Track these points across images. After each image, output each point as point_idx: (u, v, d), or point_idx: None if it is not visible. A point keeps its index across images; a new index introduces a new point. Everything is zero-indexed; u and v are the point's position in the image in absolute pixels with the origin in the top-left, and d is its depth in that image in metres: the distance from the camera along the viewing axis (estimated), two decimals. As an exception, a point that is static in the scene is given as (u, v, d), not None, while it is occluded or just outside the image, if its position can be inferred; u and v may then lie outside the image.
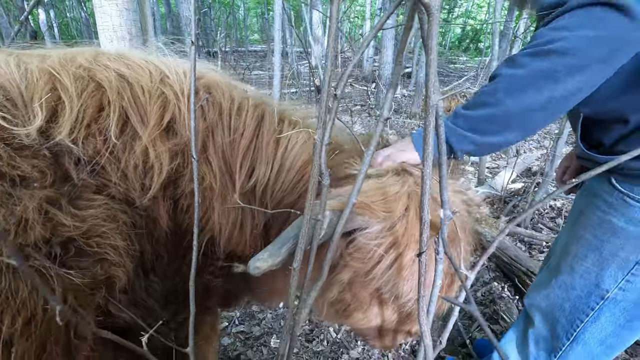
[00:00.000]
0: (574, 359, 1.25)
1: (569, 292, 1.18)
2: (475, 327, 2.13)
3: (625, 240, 1.02)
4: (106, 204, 0.75)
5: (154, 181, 0.80)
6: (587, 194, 1.14)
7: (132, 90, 0.79)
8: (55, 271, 0.64)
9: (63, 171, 0.71)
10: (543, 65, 0.78)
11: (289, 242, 0.70)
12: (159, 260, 0.90)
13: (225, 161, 0.92)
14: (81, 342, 0.68)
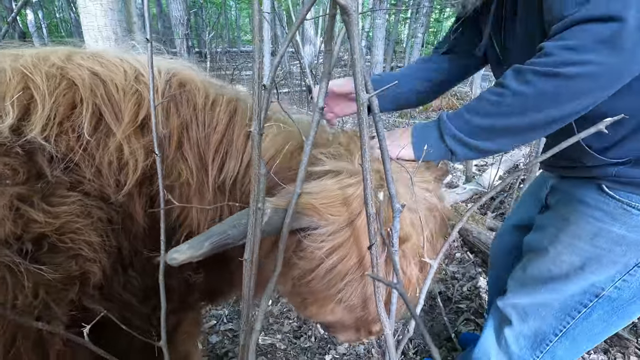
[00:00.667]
0: (561, 352, 1.27)
1: (559, 294, 1.18)
2: (461, 322, 2.16)
3: (627, 248, 1.02)
4: (80, 200, 0.76)
5: (128, 177, 0.81)
6: (570, 201, 1.14)
7: (105, 88, 0.80)
8: (26, 267, 0.65)
9: (37, 168, 0.72)
10: (549, 87, 0.79)
11: (214, 237, 0.69)
12: (137, 255, 0.90)
13: (201, 157, 0.92)
14: (52, 337, 0.69)
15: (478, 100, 0.90)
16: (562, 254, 1.14)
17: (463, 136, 0.89)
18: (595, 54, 0.74)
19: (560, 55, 0.77)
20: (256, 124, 0.49)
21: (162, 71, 0.88)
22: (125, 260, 0.88)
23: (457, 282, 2.47)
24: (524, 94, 0.82)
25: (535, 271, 1.23)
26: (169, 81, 0.89)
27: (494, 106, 0.86)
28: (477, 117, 0.89)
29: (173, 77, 0.90)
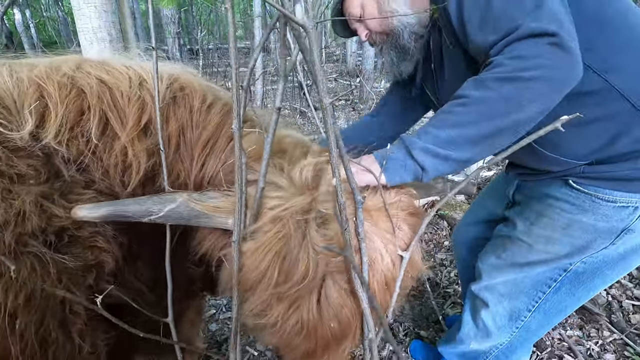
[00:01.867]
0: (535, 325, 1.39)
1: (531, 273, 1.29)
2: (448, 305, 2.28)
3: (596, 235, 1.11)
4: (95, 198, 0.85)
5: (132, 178, 0.89)
6: (540, 196, 1.23)
7: (111, 95, 0.87)
8: (51, 256, 0.74)
9: (55, 169, 0.80)
10: (511, 90, 0.84)
11: (114, 206, 0.78)
12: (145, 249, 0.99)
13: (192, 158, 0.98)
14: (75, 317, 0.78)
15: (441, 114, 0.91)
16: (537, 243, 1.24)
17: (434, 147, 0.87)
18: (545, 58, 0.84)
19: (513, 63, 0.85)
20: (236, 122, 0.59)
21: (164, 77, 0.95)
22: (134, 252, 0.97)
23: (445, 268, 2.59)
24: (488, 99, 0.85)
25: (511, 258, 1.33)
26: (170, 86, 0.96)
27: (460, 115, 0.87)
28: (444, 129, 0.88)
29: (174, 82, 0.97)
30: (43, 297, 0.72)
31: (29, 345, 0.70)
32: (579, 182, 1.10)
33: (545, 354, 1.88)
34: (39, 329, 0.71)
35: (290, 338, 0.86)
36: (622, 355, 1.85)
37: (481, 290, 1.45)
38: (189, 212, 0.82)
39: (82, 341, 0.78)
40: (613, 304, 2.10)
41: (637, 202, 1.04)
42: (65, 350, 0.77)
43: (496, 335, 1.47)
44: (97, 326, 0.84)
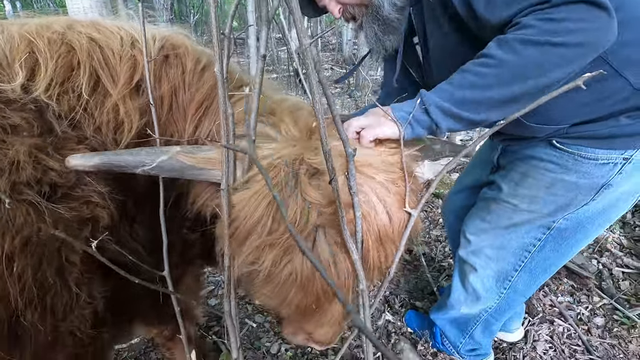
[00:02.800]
0: (522, 286, 1.43)
1: (517, 234, 1.33)
2: (443, 277, 2.32)
3: (577, 192, 1.15)
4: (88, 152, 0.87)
5: (124, 135, 0.90)
6: (524, 158, 1.24)
7: (102, 53, 0.88)
8: (46, 205, 0.76)
9: (47, 124, 0.82)
10: (536, 54, 0.81)
11: (107, 156, 0.80)
12: (140, 210, 1.01)
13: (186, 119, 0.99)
14: (71, 266, 0.80)
15: (461, 73, 0.89)
16: (522, 203, 1.28)
17: (449, 106, 0.87)
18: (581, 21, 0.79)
19: (544, 26, 0.80)
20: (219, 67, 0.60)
21: (157, 37, 0.95)
22: (130, 212, 0.99)
23: (440, 243, 2.63)
24: (510, 62, 0.82)
25: (496, 220, 1.37)
26: (162, 47, 0.96)
27: (479, 77, 0.86)
28: (461, 89, 0.87)
29: (166, 42, 0.98)
30: (39, 243, 0.74)
31: (27, 288, 0.72)
32: (562, 142, 1.12)
33: (536, 319, 1.92)
34: (36, 274, 0.73)
35: (284, 290, 0.86)
36: (612, 319, 1.90)
37: (468, 255, 1.48)
38: (181, 164, 0.83)
39: (79, 290, 0.80)
40: (603, 272, 2.14)
41: (616, 159, 1.07)
42: (62, 298, 0.79)
43: (485, 297, 1.51)
44: (94, 278, 0.86)
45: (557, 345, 1.79)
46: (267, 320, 2.14)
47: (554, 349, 1.78)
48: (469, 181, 1.68)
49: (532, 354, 1.78)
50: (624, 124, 1.03)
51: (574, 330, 1.84)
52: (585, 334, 1.84)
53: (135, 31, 0.95)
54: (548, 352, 1.77)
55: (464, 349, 1.72)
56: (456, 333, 1.71)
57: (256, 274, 0.85)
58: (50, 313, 0.77)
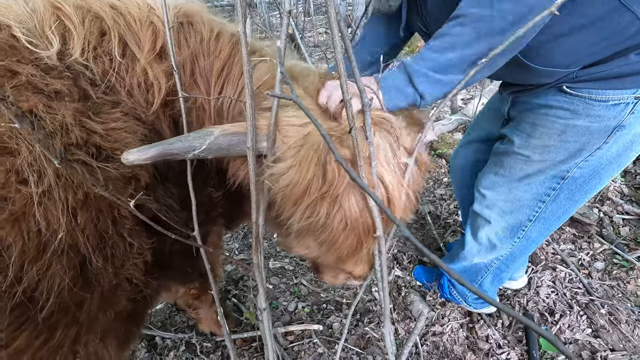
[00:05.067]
0: (535, 234, 1.49)
1: (531, 186, 1.36)
2: (449, 234, 2.42)
3: (590, 136, 1.16)
4: (124, 117, 0.91)
5: (155, 97, 0.94)
6: (534, 108, 1.26)
7: (125, 19, 0.91)
8: (97, 164, 0.81)
9: (83, 90, 0.86)
10: (512, 8, 0.83)
11: (160, 146, 0.81)
12: (171, 169, 1.07)
13: (209, 84, 1.03)
14: (124, 219, 0.87)
15: (439, 36, 0.91)
16: (534, 154, 1.30)
17: (434, 73, 0.89)
18: None
19: None
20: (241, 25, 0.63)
21: (171, 6, 0.98)
22: (162, 172, 1.05)
23: (445, 201, 2.71)
24: (485, 17, 0.85)
25: (509, 173, 1.40)
26: (177, 15, 0.99)
27: (458, 37, 0.88)
28: (443, 52, 0.88)
29: (180, 11, 1.01)
30: (96, 198, 0.80)
31: (90, 238, 0.79)
32: (572, 87, 1.14)
33: (539, 267, 2.03)
34: (97, 225, 0.80)
35: (337, 236, 0.93)
36: (611, 262, 2.01)
37: (483, 209, 1.53)
38: (228, 142, 0.86)
39: (132, 239, 0.87)
40: (604, 219, 2.24)
41: (628, 98, 1.08)
42: (119, 247, 0.86)
43: (499, 247, 1.57)
44: (142, 230, 0.93)
45: (559, 289, 1.91)
46: (283, 282, 2.25)
47: (556, 293, 1.90)
48: (477, 134, 1.71)
49: (535, 299, 1.90)
50: (634, 61, 1.02)
51: (575, 275, 1.96)
52: (585, 277, 1.95)
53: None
54: (550, 296, 1.89)
55: (472, 298, 1.83)
56: (465, 283, 1.81)
57: (314, 226, 0.92)
58: (112, 261, 0.85)
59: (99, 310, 0.86)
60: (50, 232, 0.72)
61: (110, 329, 0.94)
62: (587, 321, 1.75)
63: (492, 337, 1.76)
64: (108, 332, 0.93)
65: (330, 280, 1.29)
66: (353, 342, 1.83)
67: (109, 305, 0.89)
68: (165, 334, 1.91)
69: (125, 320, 0.99)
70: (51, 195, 0.73)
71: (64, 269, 0.75)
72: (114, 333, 0.96)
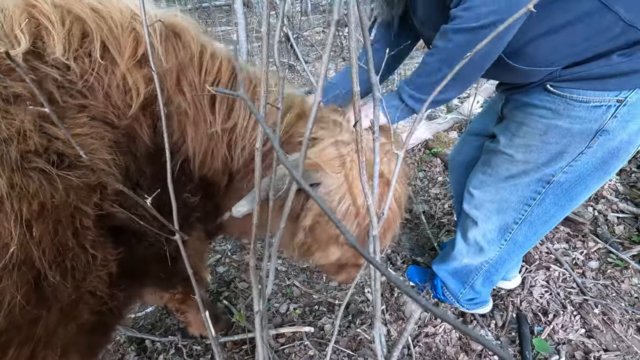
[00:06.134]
0: (522, 238, 1.48)
1: (516, 187, 1.36)
2: (443, 233, 2.39)
3: (571, 139, 1.16)
4: (91, 122, 0.88)
5: (134, 100, 0.92)
6: (521, 106, 1.27)
7: (106, 23, 0.89)
8: (57, 172, 0.78)
9: (48, 93, 0.83)
10: (463, 39, 0.98)
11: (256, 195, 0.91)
12: (143, 176, 1.04)
13: (198, 97, 1.04)
14: (86, 230, 0.84)
15: (421, 64, 1.10)
16: (517, 153, 1.30)
17: (416, 94, 1.11)
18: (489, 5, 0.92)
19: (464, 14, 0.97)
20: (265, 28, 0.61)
21: (158, 16, 0.96)
22: (133, 179, 1.02)
23: (439, 201, 2.68)
24: (446, 49, 1.01)
25: (495, 172, 1.40)
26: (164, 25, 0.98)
27: (428, 65, 1.07)
28: (421, 77, 1.09)
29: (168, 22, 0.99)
30: (55, 208, 0.77)
31: (47, 251, 0.76)
32: (554, 86, 1.13)
33: (533, 267, 2.00)
34: (54, 237, 0.77)
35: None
36: (605, 261, 1.97)
37: (471, 209, 1.53)
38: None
39: (95, 251, 0.85)
40: (599, 218, 2.20)
41: (609, 101, 1.07)
42: (80, 260, 0.83)
43: (487, 249, 1.56)
44: (106, 241, 0.90)
45: (553, 288, 1.88)
46: (275, 283, 2.22)
47: (550, 293, 1.87)
48: (474, 128, 1.70)
49: (529, 299, 1.87)
50: (617, 62, 1.01)
51: (569, 274, 1.92)
52: (579, 276, 1.92)
53: (134, 5, 0.95)
54: (544, 296, 1.86)
55: (464, 299, 1.80)
56: (457, 284, 1.78)
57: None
58: (71, 274, 0.82)
59: (57, 325, 0.83)
60: (1, 245, 0.69)
61: (72, 343, 0.91)
62: (580, 321, 1.71)
63: (485, 337, 1.72)
64: (69, 347, 0.90)
65: (342, 279, 1.45)
66: (345, 344, 1.81)
67: (69, 320, 0.86)
68: (154, 337, 1.90)
69: (90, 333, 0.96)
70: (2, 206, 0.70)
71: (16, 285, 0.71)
72: (77, 347, 0.93)
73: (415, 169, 3.06)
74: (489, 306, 1.85)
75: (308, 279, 2.25)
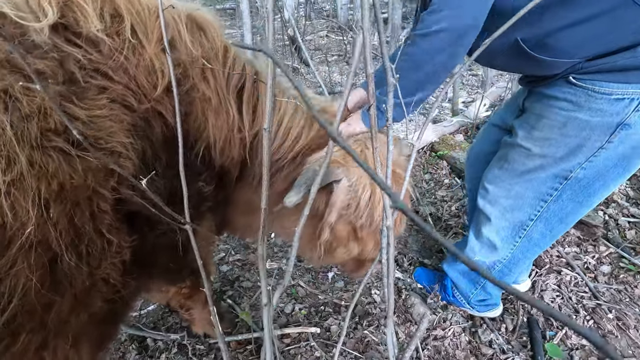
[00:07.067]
0: (537, 235, 1.44)
1: (533, 183, 1.33)
2: (450, 235, 2.36)
3: (590, 132, 1.14)
4: (110, 105, 0.86)
5: (159, 82, 0.91)
6: (542, 99, 1.25)
7: (134, 6, 0.87)
8: (76, 153, 0.76)
9: (69, 73, 0.81)
10: (427, 44, 1.03)
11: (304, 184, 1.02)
12: (158, 161, 1.01)
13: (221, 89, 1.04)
14: (103, 214, 0.81)
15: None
16: (535, 147, 1.28)
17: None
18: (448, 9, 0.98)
19: (427, 18, 1.02)
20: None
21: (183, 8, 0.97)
22: (149, 163, 0.99)
23: (446, 203, 2.65)
24: (412, 53, 1.06)
25: (511, 167, 1.37)
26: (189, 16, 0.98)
27: (399, 71, 1.06)
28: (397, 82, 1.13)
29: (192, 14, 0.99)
30: (73, 190, 0.74)
31: (64, 233, 0.73)
32: (577, 78, 1.12)
33: (544, 270, 1.97)
34: (72, 219, 0.74)
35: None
36: (618, 266, 1.95)
37: (485, 205, 1.50)
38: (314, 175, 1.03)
39: (111, 236, 0.81)
40: (610, 222, 2.18)
41: (632, 94, 1.05)
42: (96, 245, 0.80)
43: (500, 247, 1.53)
44: (122, 227, 0.87)
45: (565, 293, 1.85)
46: (279, 283, 2.19)
47: (561, 297, 1.84)
48: (496, 119, 1.67)
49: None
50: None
51: (581, 279, 1.90)
52: (592, 281, 1.89)
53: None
54: (555, 300, 1.83)
55: (475, 300, 1.77)
56: (468, 284, 1.75)
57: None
58: (86, 260, 0.79)
59: (70, 313, 0.79)
60: (18, 225, 0.66)
61: (83, 333, 0.87)
62: (594, 326, 1.68)
63: (495, 341, 1.69)
64: (80, 336, 0.87)
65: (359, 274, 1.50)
66: (352, 345, 1.77)
67: (82, 308, 0.83)
68: (157, 335, 1.85)
69: (100, 322, 0.92)
70: (21, 185, 0.67)
71: (31, 268, 0.68)
72: (87, 337, 0.90)
73: (421, 171, 3.04)
74: (499, 309, 1.82)
75: (313, 279, 2.21)
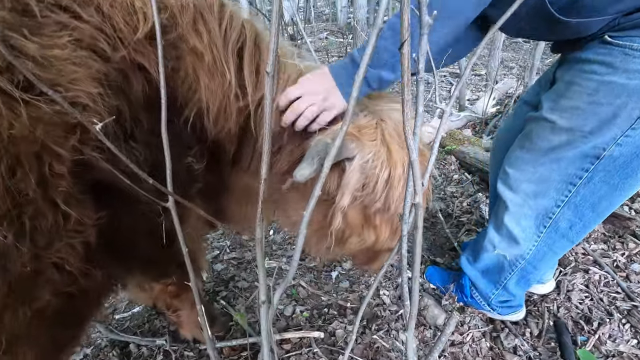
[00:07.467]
0: (565, 224, 1.27)
1: (559, 163, 1.16)
2: (463, 232, 2.19)
3: (627, 99, 0.99)
4: (74, 46, 0.69)
5: (139, 26, 0.76)
6: (574, 64, 1.10)
7: None
8: (20, 95, 0.58)
9: (22, 4, 0.64)
10: None
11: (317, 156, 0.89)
12: (139, 125, 0.84)
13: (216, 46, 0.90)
14: (57, 178, 0.63)
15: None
16: (561, 119, 1.11)
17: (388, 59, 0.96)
18: None
19: None
20: None
21: None
22: (126, 127, 0.82)
23: (457, 199, 2.49)
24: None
25: (535, 145, 1.21)
26: None
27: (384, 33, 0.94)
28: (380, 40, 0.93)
29: None
30: (11, 141, 0.57)
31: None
32: (613, 36, 0.98)
33: (569, 269, 1.80)
34: (9, 181, 0.56)
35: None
36: (650, 264, 1.78)
37: (505, 190, 1.33)
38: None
39: (68, 208, 0.63)
40: (636, 218, 2.02)
41: None
42: (45, 218, 0.62)
43: (522, 239, 1.36)
44: (85, 199, 0.69)
45: (594, 293, 1.67)
46: (279, 283, 2.01)
47: (591, 298, 1.66)
48: (526, 96, 1.49)
49: (567, 305, 1.66)
50: None
51: (612, 278, 1.72)
52: (624, 280, 1.72)
53: None
54: (584, 302, 1.66)
55: (496, 300, 1.59)
56: (488, 284, 1.58)
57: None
58: (31, 237, 0.60)
59: (3, 308, 0.60)
60: None
61: (25, 336, 0.67)
62: (631, 330, 1.51)
63: (520, 347, 1.51)
64: (20, 340, 0.66)
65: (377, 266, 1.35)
66: (359, 352, 1.58)
67: (22, 301, 0.63)
68: (141, 340, 1.66)
69: (54, 324, 0.72)
70: None
71: None
72: (32, 341, 0.70)
73: (429, 167, 2.88)
74: (522, 312, 1.64)
75: (315, 279, 2.03)
